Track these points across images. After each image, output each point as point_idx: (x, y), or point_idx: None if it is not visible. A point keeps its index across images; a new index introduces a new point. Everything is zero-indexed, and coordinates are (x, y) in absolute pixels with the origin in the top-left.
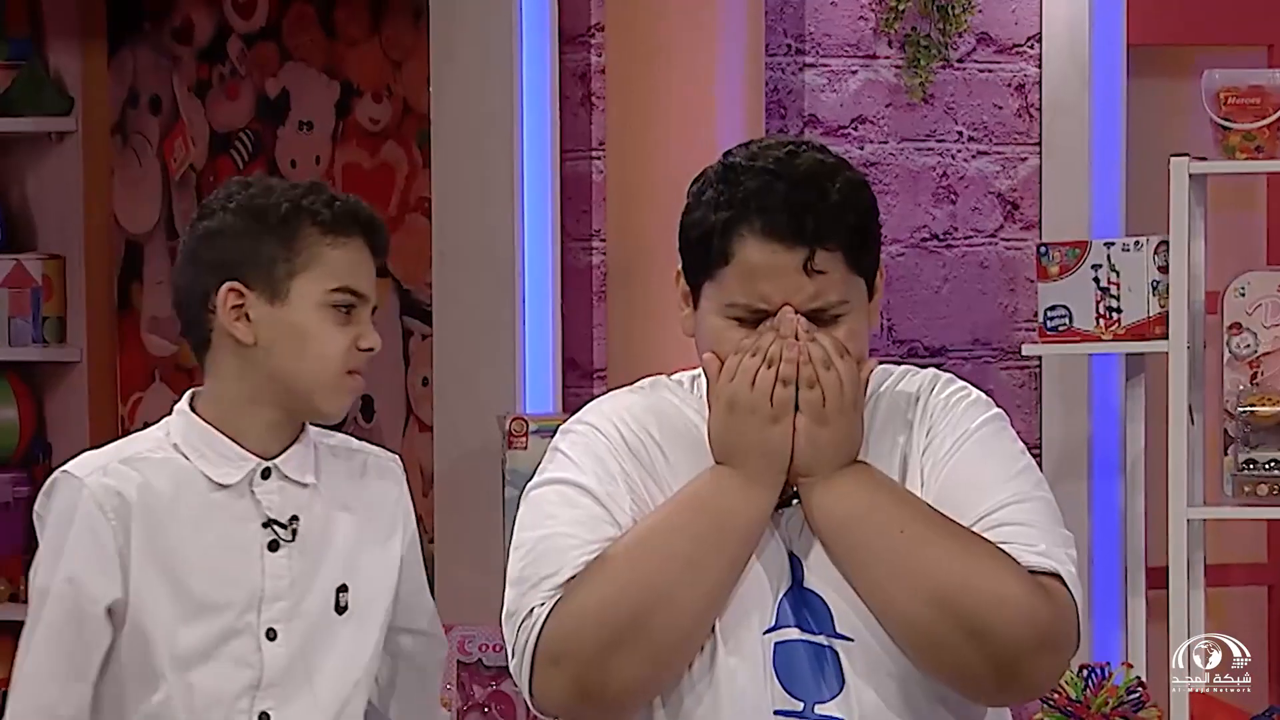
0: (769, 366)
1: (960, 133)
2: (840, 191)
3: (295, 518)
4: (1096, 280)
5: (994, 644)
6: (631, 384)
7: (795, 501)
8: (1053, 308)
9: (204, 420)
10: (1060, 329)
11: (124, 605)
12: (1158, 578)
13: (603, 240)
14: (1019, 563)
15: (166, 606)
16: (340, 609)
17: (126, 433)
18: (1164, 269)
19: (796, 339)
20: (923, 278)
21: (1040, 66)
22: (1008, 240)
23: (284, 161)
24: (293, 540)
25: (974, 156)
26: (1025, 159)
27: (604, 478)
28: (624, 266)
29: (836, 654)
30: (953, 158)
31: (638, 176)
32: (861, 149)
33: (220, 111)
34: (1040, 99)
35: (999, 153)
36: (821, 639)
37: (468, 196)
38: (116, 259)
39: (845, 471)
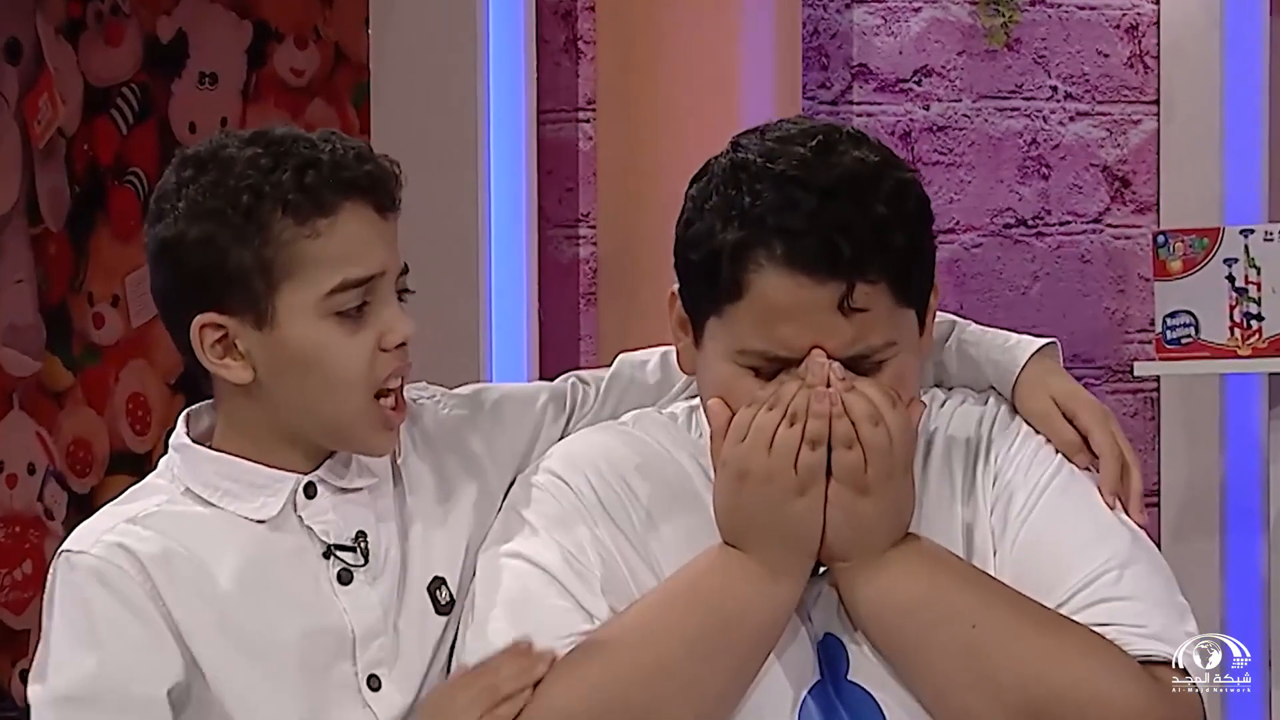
0: (791, 424)
1: (1054, 88)
2: (886, 202)
3: (362, 534)
4: (1231, 279)
5: None
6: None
7: (822, 571)
8: (1174, 314)
9: (218, 450)
10: (1184, 341)
11: (186, 687)
12: None
13: (592, 227)
14: (1125, 651)
15: (245, 682)
16: (442, 608)
17: None
18: None
19: (828, 386)
20: (1006, 275)
21: (1158, 1)
22: (1115, 227)
23: (180, 124)
24: (365, 563)
25: (1072, 119)
26: (1138, 121)
27: (570, 551)
28: (620, 260)
29: None
30: (1044, 120)
31: (638, 144)
32: (926, 109)
33: (97, 60)
34: (1158, 44)
35: (1104, 114)
36: None
37: (418, 170)
38: None
39: (894, 551)
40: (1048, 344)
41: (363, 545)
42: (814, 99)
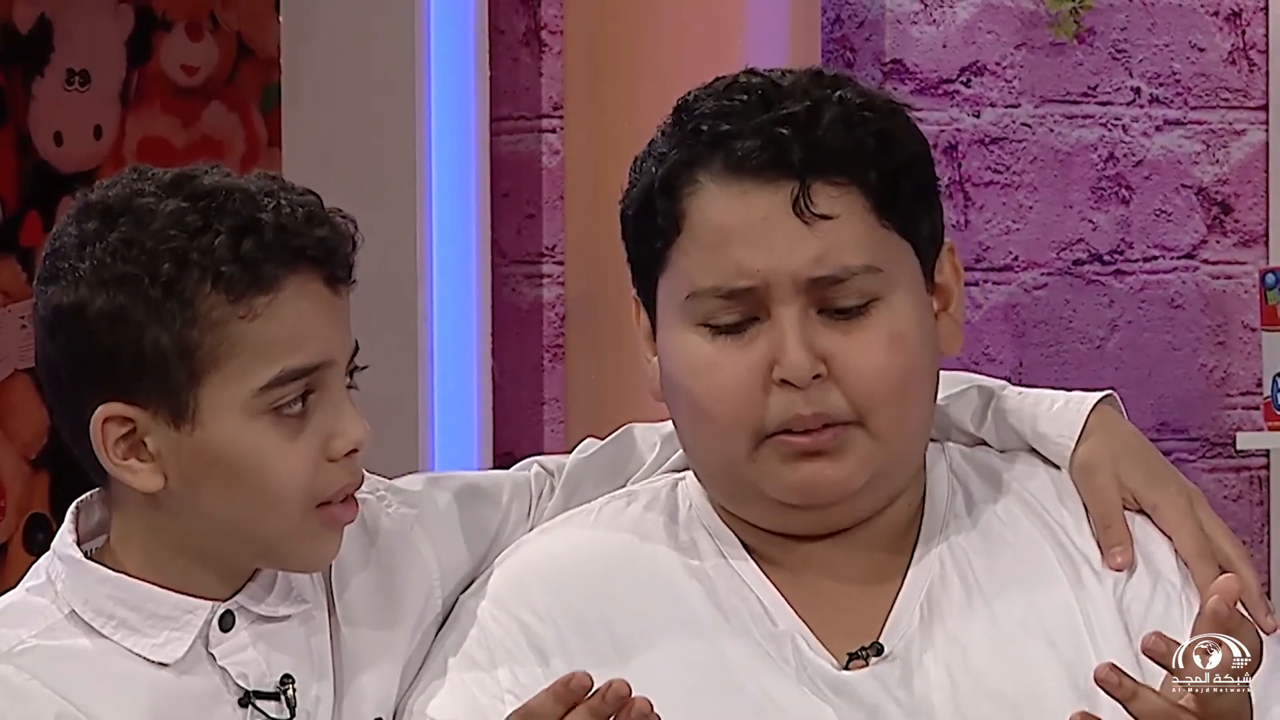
0: None
1: (1137, 90)
2: (843, 103)
3: (288, 678)
4: None
5: None
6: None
7: (873, 659)
8: None
9: (113, 569)
10: None
11: None
12: None
13: (559, 263)
14: None
15: None
16: None
17: None
18: None
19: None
20: (1076, 323)
21: None
22: (1214, 264)
23: (42, 134)
24: (290, 717)
25: (1159, 128)
26: (1242, 132)
27: None
28: (593, 305)
29: None
30: (1125, 130)
31: (616, 160)
32: (977, 116)
33: None
34: (1266, 35)
35: (1200, 122)
36: None
37: (342, 193)
38: None
39: None
40: (1105, 398)
41: (288, 693)
42: None
